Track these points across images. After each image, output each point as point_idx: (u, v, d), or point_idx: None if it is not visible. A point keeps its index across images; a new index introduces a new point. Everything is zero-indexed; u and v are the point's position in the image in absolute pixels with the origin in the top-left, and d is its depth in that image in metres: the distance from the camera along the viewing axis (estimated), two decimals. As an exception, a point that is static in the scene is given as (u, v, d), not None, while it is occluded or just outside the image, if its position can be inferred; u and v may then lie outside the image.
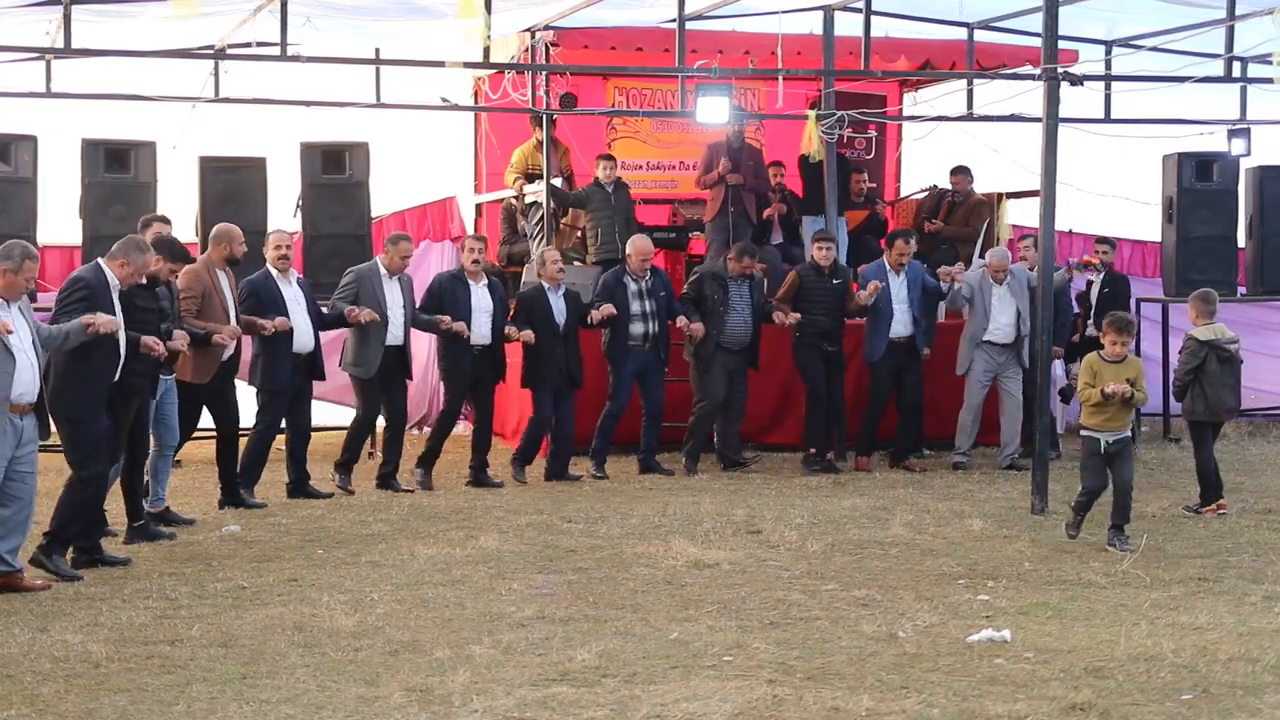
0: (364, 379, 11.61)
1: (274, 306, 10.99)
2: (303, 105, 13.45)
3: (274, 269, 11.18)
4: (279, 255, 11.18)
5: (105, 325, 8.46)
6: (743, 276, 12.56)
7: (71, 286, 8.78)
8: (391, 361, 11.60)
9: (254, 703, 6.15)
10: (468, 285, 11.88)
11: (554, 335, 12.06)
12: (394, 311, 11.55)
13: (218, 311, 10.57)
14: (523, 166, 14.88)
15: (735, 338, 12.50)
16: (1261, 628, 7.36)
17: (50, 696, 6.25)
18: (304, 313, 11.18)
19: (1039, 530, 10.01)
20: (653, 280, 12.53)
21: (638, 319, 12.36)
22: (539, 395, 12.17)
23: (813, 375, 12.70)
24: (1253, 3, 13.41)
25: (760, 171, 14.62)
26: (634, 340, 12.36)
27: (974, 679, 6.49)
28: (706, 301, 12.49)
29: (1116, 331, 9.52)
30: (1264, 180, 15.01)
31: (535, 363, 12.10)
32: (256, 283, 11.09)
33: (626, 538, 9.73)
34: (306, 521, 10.41)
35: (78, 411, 8.69)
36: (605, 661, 6.73)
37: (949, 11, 14.87)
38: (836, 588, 8.29)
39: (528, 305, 12.15)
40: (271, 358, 11.03)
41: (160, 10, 12.25)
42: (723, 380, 12.51)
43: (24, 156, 12.52)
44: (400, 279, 11.69)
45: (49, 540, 8.67)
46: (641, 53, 15.04)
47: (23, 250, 8.24)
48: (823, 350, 12.68)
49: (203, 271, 10.64)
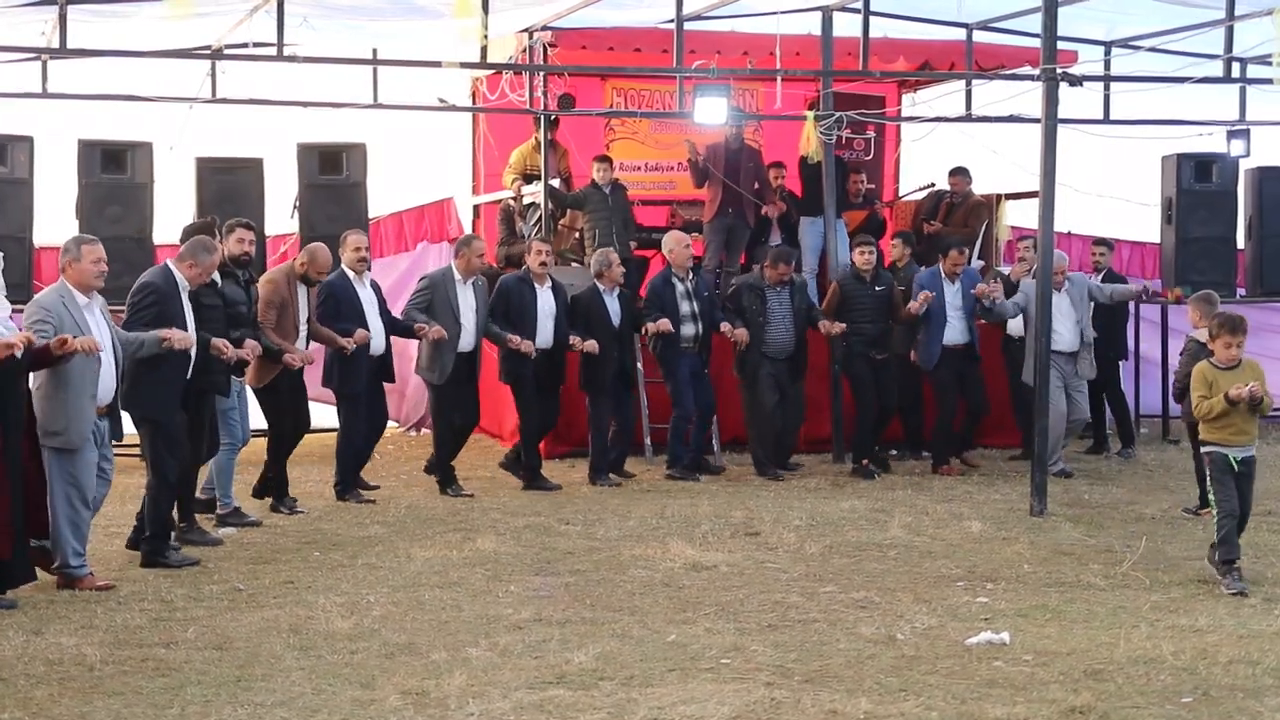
0: (436, 384, 11.65)
1: (351, 309, 11.10)
2: (300, 106, 13.44)
3: (351, 271, 11.23)
4: (358, 258, 11.26)
5: (180, 341, 8.65)
6: (780, 284, 12.51)
7: (141, 292, 8.96)
8: (462, 366, 11.62)
9: (249, 706, 6.12)
10: (534, 288, 11.92)
11: (611, 338, 12.13)
12: (467, 317, 11.59)
13: (289, 324, 10.68)
14: (521, 167, 14.85)
15: (778, 346, 12.45)
16: (1261, 630, 7.34)
17: (44, 699, 6.22)
18: (377, 315, 11.29)
19: (1038, 532, 9.99)
20: (696, 280, 12.58)
21: (687, 319, 12.32)
22: (597, 399, 12.20)
23: (863, 386, 12.69)
24: (1252, 3, 13.39)
25: (760, 173, 14.59)
26: (685, 342, 12.33)
27: (973, 681, 6.46)
28: (745, 313, 12.47)
29: (1230, 332, 8.20)
30: (1263, 181, 15.00)
31: (593, 367, 12.11)
32: (335, 285, 11.13)
33: (624, 540, 9.71)
34: (303, 524, 10.39)
35: (154, 412, 8.93)
36: (602, 664, 6.70)
37: (948, 12, 14.85)
38: (835, 590, 8.26)
39: (584, 309, 12.18)
40: (347, 361, 11.08)
41: (156, 10, 12.23)
42: (772, 388, 12.45)
43: (20, 157, 12.52)
44: (475, 283, 11.69)
45: (153, 541, 8.95)
46: (639, 53, 15.02)
47: (76, 239, 8.42)
48: (871, 359, 12.65)
49: (282, 283, 10.76)
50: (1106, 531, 10.04)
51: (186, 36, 13.37)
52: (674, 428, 12.43)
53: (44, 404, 8.12)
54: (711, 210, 14.30)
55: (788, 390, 12.53)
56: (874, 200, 15.93)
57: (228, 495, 10.39)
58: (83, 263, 8.21)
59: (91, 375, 8.13)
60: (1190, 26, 14.38)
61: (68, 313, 8.09)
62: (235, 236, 10.18)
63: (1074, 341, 12.42)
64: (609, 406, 12.20)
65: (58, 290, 8.22)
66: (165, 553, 8.96)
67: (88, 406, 8.16)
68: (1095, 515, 10.69)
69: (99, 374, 8.18)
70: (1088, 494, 11.63)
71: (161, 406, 8.91)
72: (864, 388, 12.68)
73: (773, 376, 12.44)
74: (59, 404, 8.09)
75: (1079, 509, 10.93)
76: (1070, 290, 12.49)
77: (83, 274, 8.21)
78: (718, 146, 14.25)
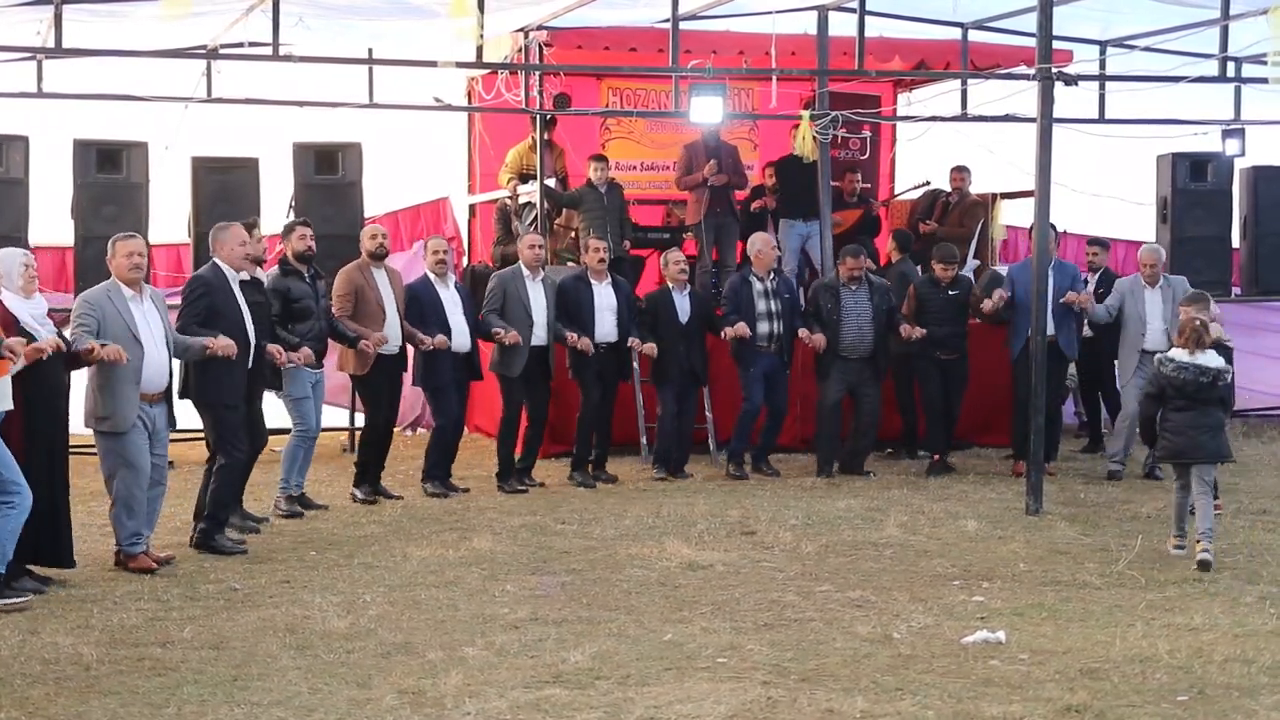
0: (509, 377, 11.87)
1: (434, 311, 11.47)
2: (295, 105, 13.41)
3: (433, 274, 11.61)
4: (437, 260, 11.60)
5: (224, 350, 8.99)
6: (854, 281, 12.52)
7: (190, 286, 9.48)
8: (535, 362, 11.85)
9: (245, 705, 6.13)
10: (591, 286, 12.15)
11: (678, 334, 12.29)
12: (538, 313, 11.82)
13: (373, 308, 11.09)
14: (517, 167, 14.84)
15: (853, 346, 12.44)
16: (1257, 628, 7.35)
17: (40, 699, 6.22)
18: (461, 314, 11.60)
19: (1034, 531, 10.00)
20: (777, 281, 12.63)
21: (763, 318, 12.41)
22: (663, 393, 12.38)
23: (929, 385, 12.72)
24: (1247, 2, 13.39)
25: (738, 168, 14.55)
26: (760, 341, 12.39)
27: (969, 680, 6.47)
28: (822, 313, 12.52)
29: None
30: (1258, 180, 15.01)
31: (660, 361, 12.33)
32: (417, 288, 11.60)
33: (620, 539, 9.71)
34: (299, 523, 10.39)
35: (218, 397, 9.28)
36: (599, 663, 6.70)
37: (943, 11, 14.86)
38: (831, 589, 8.27)
39: (653, 307, 12.43)
40: (429, 356, 11.48)
41: (151, 10, 12.20)
42: (838, 389, 12.49)
43: (15, 157, 12.48)
44: (544, 279, 12.01)
45: (210, 523, 9.34)
46: (635, 53, 15.00)
47: (114, 237, 8.84)
48: (938, 359, 12.66)
49: (354, 271, 11.22)
50: (1102, 530, 10.06)
51: (182, 36, 13.35)
52: (740, 423, 12.52)
53: (94, 393, 8.64)
54: (699, 211, 14.22)
55: (861, 392, 12.53)
56: (869, 199, 15.93)
57: (298, 480, 10.84)
58: (117, 259, 8.71)
59: (135, 363, 8.51)
60: (1185, 26, 14.38)
61: (113, 306, 8.55)
62: (297, 234, 10.61)
63: (1163, 341, 11.86)
64: (673, 400, 12.35)
65: (105, 287, 8.69)
66: (218, 537, 9.33)
67: (131, 392, 8.55)
68: (1091, 514, 10.70)
69: (143, 362, 8.55)
70: (1083, 493, 11.64)
71: (225, 391, 9.30)
72: (929, 388, 12.72)
73: (843, 377, 12.48)
74: (106, 391, 8.55)
75: (1075, 508, 10.94)
76: (1163, 289, 12.41)
77: (119, 269, 8.70)
78: (697, 144, 14.21)
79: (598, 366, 12.13)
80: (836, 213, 14.65)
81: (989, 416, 13.56)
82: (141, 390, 8.59)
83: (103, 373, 8.53)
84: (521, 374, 11.81)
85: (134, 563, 8.66)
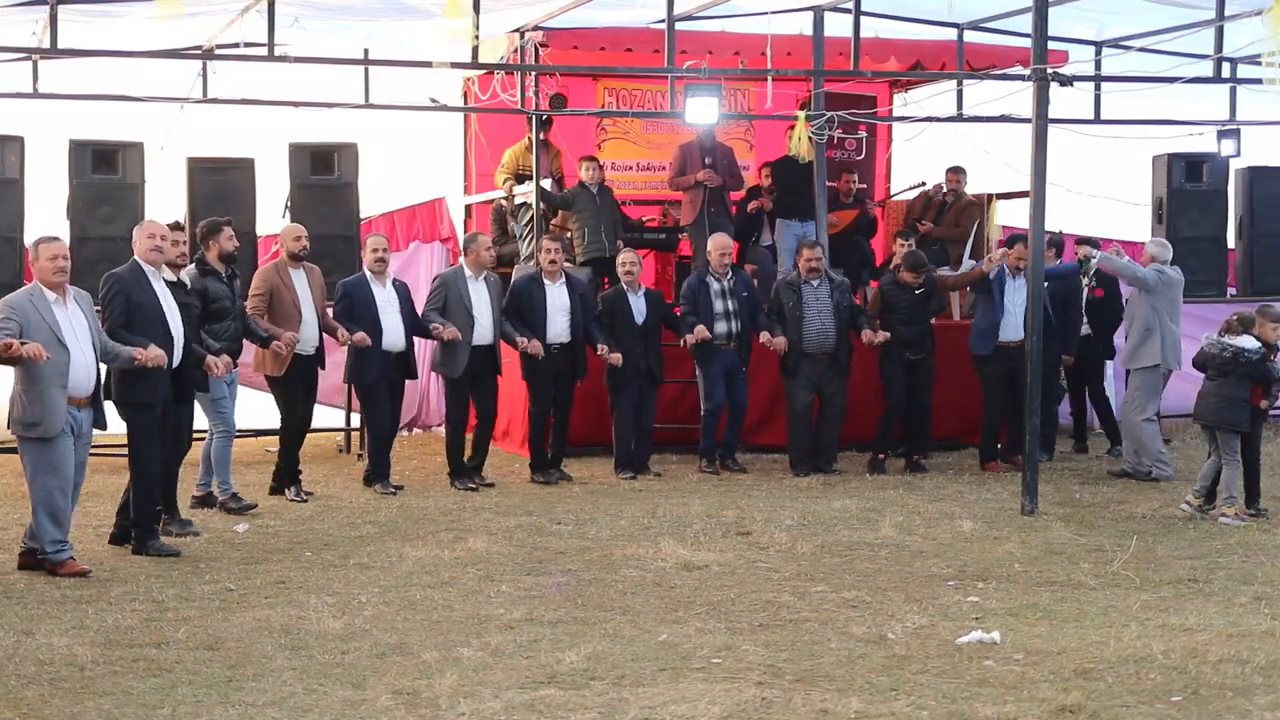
0: (452, 378, 11.87)
1: (365, 308, 11.45)
2: (291, 106, 13.41)
3: (370, 271, 11.62)
4: (376, 259, 11.60)
5: (154, 361, 8.80)
6: (814, 274, 12.55)
7: (104, 284, 9.23)
8: (480, 361, 11.85)
9: (240, 706, 6.12)
10: (544, 286, 12.14)
11: (634, 335, 12.34)
12: (480, 312, 11.81)
13: (289, 309, 11.03)
14: (513, 167, 14.84)
15: (816, 343, 12.49)
16: (1251, 629, 7.36)
17: (35, 700, 6.21)
18: (397, 314, 11.59)
19: (1029, 531, 10.00)
20: (735, 279, 12.68)
21: (721, 318, 12.49)
22: (619, 395, 12.41)
23: (894, 386, 12.72)
24: (1242, 3, 13.40)
25: (734, 169, 14.55)
26: (718, 339, 12.45)
27: (963, 681, 6.47)
28: (784, 310, 12.55)
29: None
30: (1254, 181, 15.02)
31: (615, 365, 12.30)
32: (351, 285, 11.60)
33: (615, 539, 9.71)
34: (294, 524, 10.38)
35: (135, 396, 9.08)
36: (594, 664, 6.70)
37: (939, 12, 14.86)
38: (826, 589, 8.27)
39: (609, 308, 12.45)
40: (359, 354, 11.50)
41: (147, 10, 12.19)
42: (806, 389, 12.53)
43: (11, 157, 12.48)
44: (487, 278, 11.97)
45: (139, 531, 9.18)
46: (631, 53, 15.01)
47: (36, 240, 8.69)
48: (905, 359, 12.68)
49: (271, 271, 11.19)
50: (1097, 531, 10.07)
51: (177, 36, 13.36)
52: (704, 423, 12.59)
53: (20, 398, 8.40)
54: (694, 211, 14.21)
55: (826, 389, 12.58)
56: (865, 200, 15.94)
57: (227, 481, 10.69)
58: (40, 262, 8.52)
59: (61, 367, 8.33)
60: (1180, 26, 14.39)
61: (35, 310, 8.33)
62: (225, 234, 10.49)
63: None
64: (631, 402, 12.38)
65: (28, 290, 8.51)
66: (152, 541, 9.18)
67: (59, 397, 8.36)
68: (1086, 514, 10.71)
69: (68, 366, 8.37)
70: (1078, 493, 11.65)
71: (144, 391, 9.06)
72: (894, 389, 12.71)
73: (809, 376, 12.52)
74: (33, 396, 8.34)
75: (1069, 508, 10.95)
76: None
77: (41, 273, 8.50)
78: (692, 145, 14.20)
79: (552, 368, 12.13)
80: (832, 213, 14.66)
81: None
82: (69, 393, 8.40)
83: (29, 377, 8.31)
84: (467, 373, 11.79)
85: (63, 569, 8.46)
